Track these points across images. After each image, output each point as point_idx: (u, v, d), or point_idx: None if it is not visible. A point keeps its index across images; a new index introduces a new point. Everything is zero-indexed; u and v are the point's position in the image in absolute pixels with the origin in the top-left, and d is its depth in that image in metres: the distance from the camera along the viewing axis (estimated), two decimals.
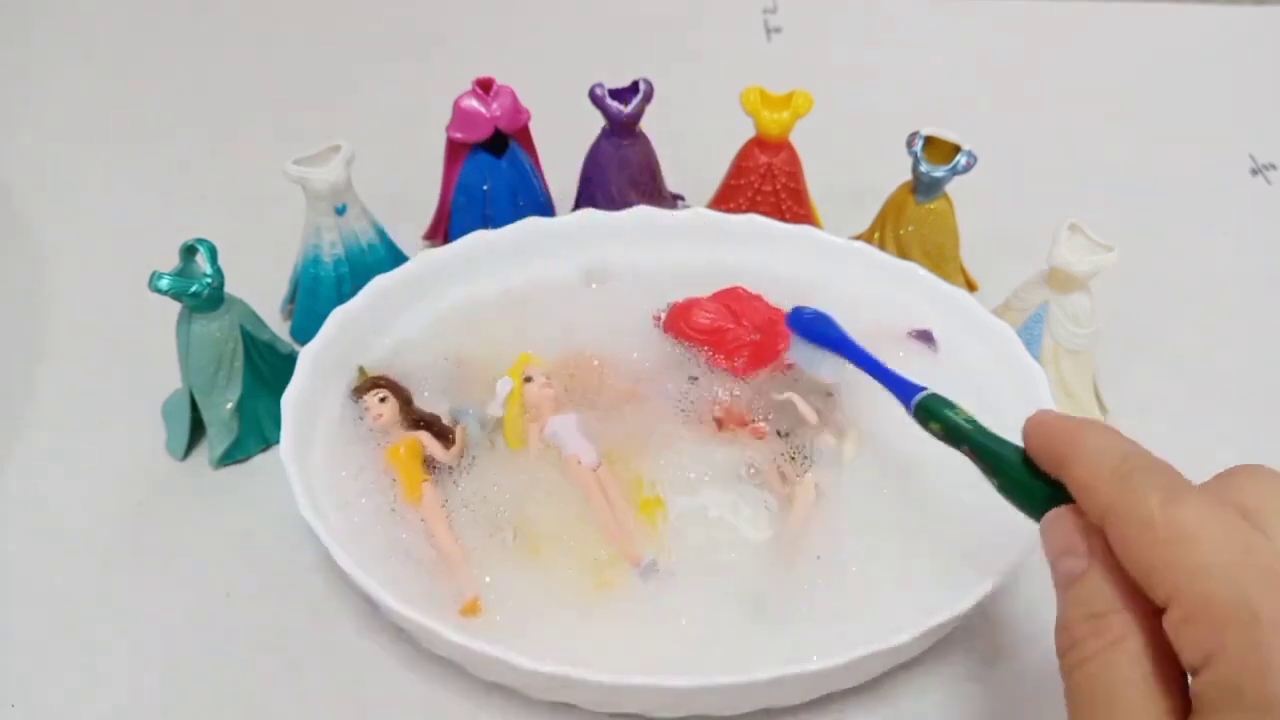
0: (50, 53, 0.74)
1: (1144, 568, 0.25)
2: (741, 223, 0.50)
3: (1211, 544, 0.24)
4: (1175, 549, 0.24)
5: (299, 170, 0.46)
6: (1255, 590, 0.23)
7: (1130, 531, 0.26)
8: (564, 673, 0.33)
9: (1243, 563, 0.24)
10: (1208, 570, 0.24)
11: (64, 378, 0.50)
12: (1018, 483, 0.31)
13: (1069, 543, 0.28)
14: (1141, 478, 0.26)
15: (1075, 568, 0.27)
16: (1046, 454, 0.30)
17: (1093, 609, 0.26)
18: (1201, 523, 0.25)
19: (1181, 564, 0.24)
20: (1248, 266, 0.58)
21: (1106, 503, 0.27)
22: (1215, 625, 0.23)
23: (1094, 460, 0.28)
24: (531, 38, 0.75)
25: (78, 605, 0.41)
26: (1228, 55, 0.76)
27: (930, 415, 0.35)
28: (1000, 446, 0.32)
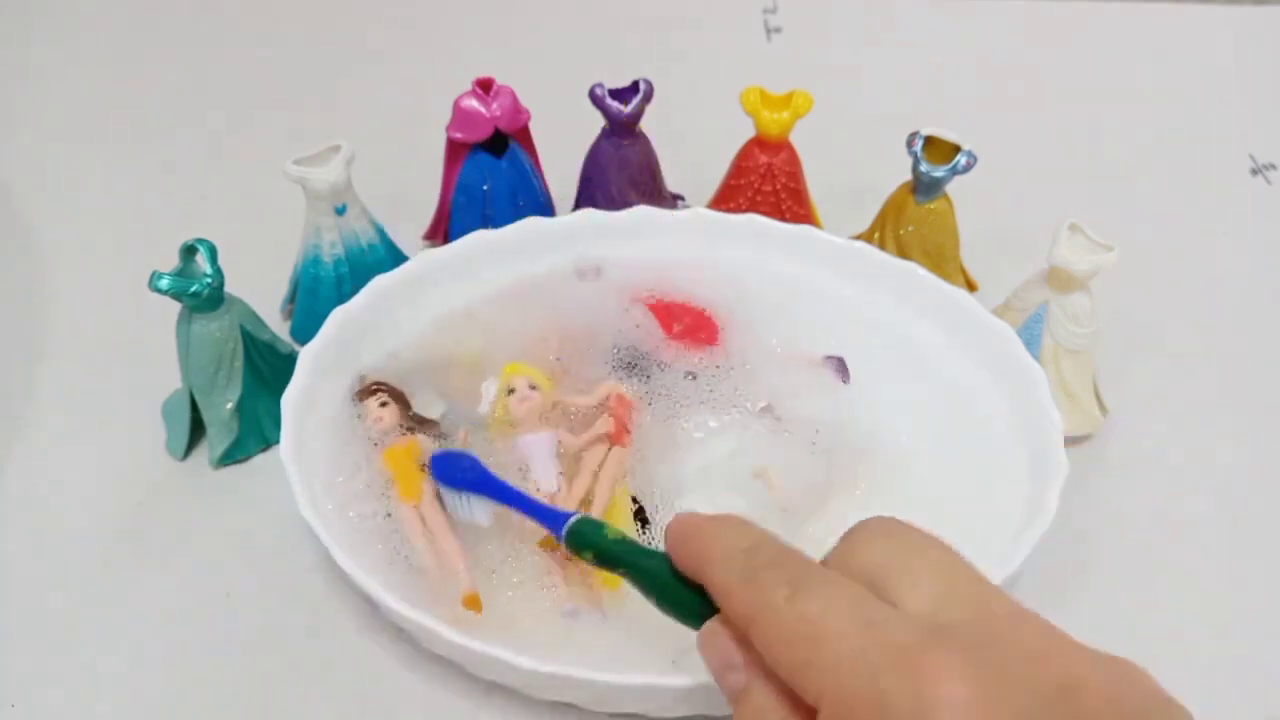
0: (50, 53, 0.73)
1: (788, 670, 0.25)
2: (741, 223, 0.50)
3: (837, 634, 0.24)
4: (808, 648, 0.24)
5: (299, 170, 0.46)
6: (884, 678, 0.23)
7: (766, 635, 0.25)
8: (564, 673, 0.33)
9: (869, 648, 0.23)
10: (838, 664, 0.24)
11: (64, 378, 0.50)
12: (672, 596, 0.30)
13: (726, 657, 0.27)
14: (768, 574, 0.26)
15: (737, 682, 0.26)
16: (686, 560, 0.29)
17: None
18: (826, 613, 0.24)
19: (816, 661, 0.24)
20: (1248, 266, 0.58)
21: (740, 607, 0.26)
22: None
23: (724, 561, 0.27)
24: (531, 38, 0.75)
25: (78, 605, 0.41)
26: (1228, 55, 0.76)
27: (582, 543, 0.33)
28: (650, 560, 0.31)
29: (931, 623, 0.24)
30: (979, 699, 0.22)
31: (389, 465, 0.41)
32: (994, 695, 0.22)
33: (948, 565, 0.26)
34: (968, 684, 0.22)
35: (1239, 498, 0.46)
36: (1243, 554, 0.44)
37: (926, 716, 0.22)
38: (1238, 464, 0.47)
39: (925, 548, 0.27)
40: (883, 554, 0.26)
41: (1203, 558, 0.44)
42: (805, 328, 0.47)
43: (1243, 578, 0.43)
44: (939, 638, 0.23)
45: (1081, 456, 0.46)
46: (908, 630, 0.24)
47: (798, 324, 0.47)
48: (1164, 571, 0.43)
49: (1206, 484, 0.47)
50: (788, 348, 0.46)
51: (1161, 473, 0.47)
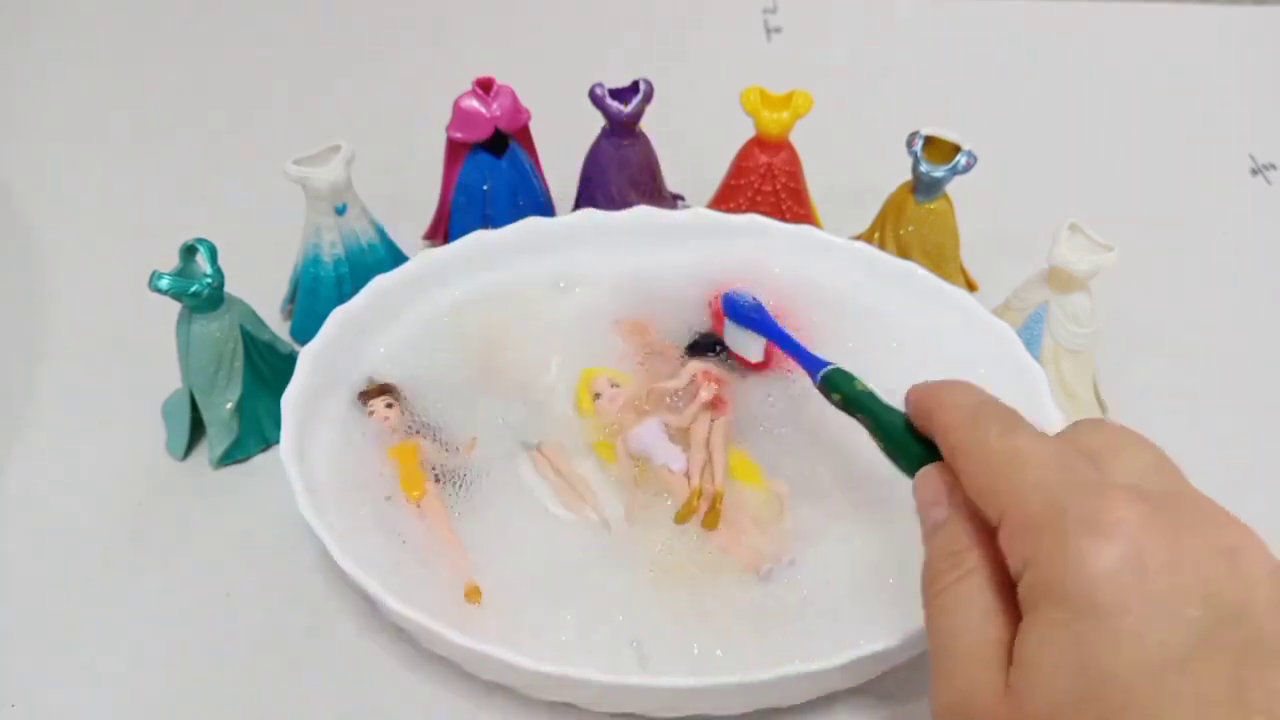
0: (50, 53, 0.73)
1: (981, 492, 0.27)
2: (741, 223, 0.50)
3: (1036, 465, 0.26)
4: (1007, 472, 0.27)
5: (299, 170, 0.46)
6: (1068, 497, 0.25)
7: (972, 461, 0.28)
8: (564, 673, 0.33)
9: (1062, 479, 0.26)
10: (1033, 487, 0.26)
11: (64, 378, 0.50)
12: (899, 443, 0.33)
13: (934, 494, 0.30)
14: (987, 417, 0.29)
15: (939, 516, 0.29)
16: (920, 411, 0.32)
17: (951, 548, 0.28)
18: (1030, 448, 0.27)
19: (1010, 484, 0.26)
20: (1248, 266, 0.58)
21: (955, 439, 0.29)
22: (1032, 533, 0.25)
23: (952, 408, 0.30)
24: (531, 38, 0.75)
25: (78, 605, 0.41)
26: (1228, 55, 0.76)
27: (833, 387, 0.37)
28: (888, 413, 0.34)
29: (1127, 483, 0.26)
30: (1149, 527, 0.24)
31: (394, 460, 0.41)
32: (1163, 530, 0.24)
33: (1156, 455, 0.28)
34: (1142, 514, 0.24)
35: (1239, 498, 0.46)
36: None
37: (1097, 527, 0.24)
38: (1238, 464, 0.47)
39: (1139, 441, 0.28)
40: (1099, 440, 0.28)
41: None
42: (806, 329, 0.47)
43: None
44: (1129, 488, 0.25)
45: None
46: (1098, 474, 0.26)
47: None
48: None
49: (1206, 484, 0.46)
50: None
51: None
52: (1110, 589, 0.23)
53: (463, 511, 0.41)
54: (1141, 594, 0.23)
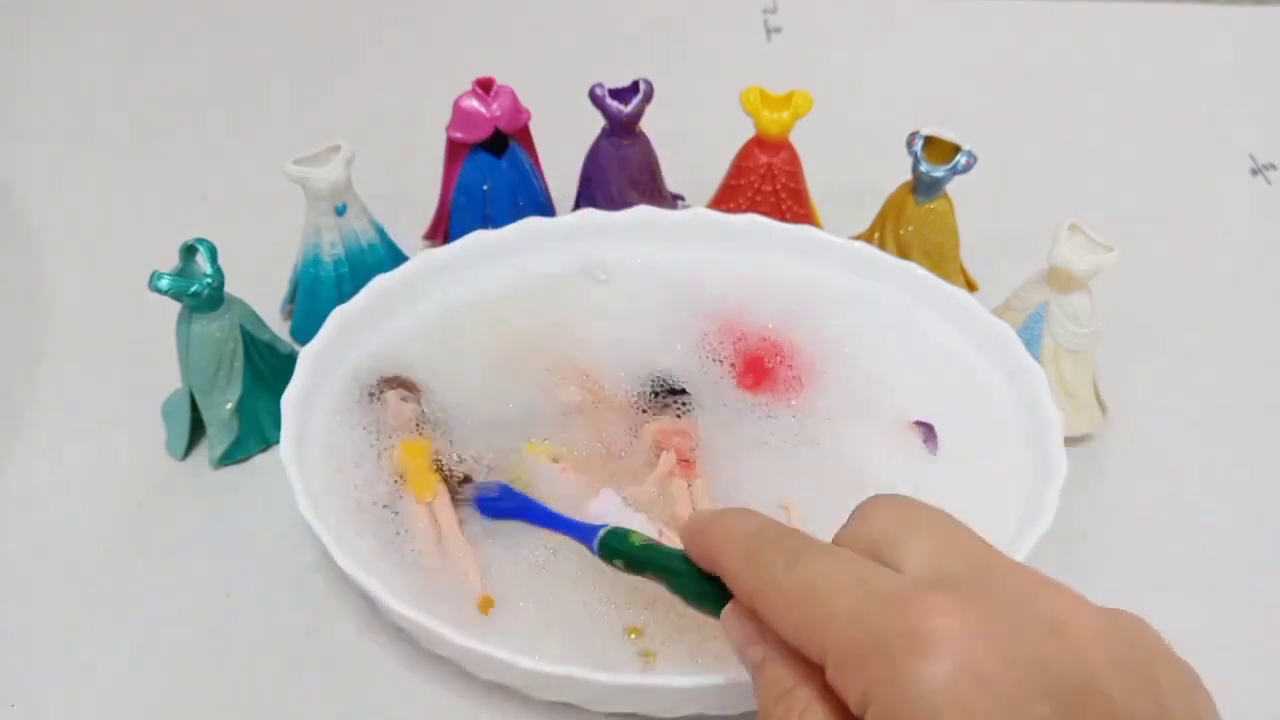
0: (50, 53, 0.73)
1: (793, 636, 0.26)
2: (741, 223, 0.50)
3: (832, 591, 0.25)
4: (807, 607, 0.26)
5: (299, 170, 0.46)
6: (879, 620, 0.24)
7: (769, 605, 0.27)
8: (564, 672, 0.33)
9: (862, 598, 0.25)
10: (836, 617, 0.25)
11: (64, 378, 0.50)
12: (694, 590, 0.31)
13: (744, 635, 0.28)
14: (768, 551, 0.28)
15: (756, 656, 0.28)
16: (700, 552, 0.30)
17: (781, 688, 0.27)
18: (821, 574, 0.26)
19: (815, 618, 0.25)
20: (1248, 266, 0.58)
21: (745, 586, 0.28)
22: (858, 668, 0.24)
23: (729, 548, 0.29)
24: (531, 38, 0.75)
25: (78, 605, 0.41)
26: (1228, 55, 0.76)
27: (613, 553, 0.34)
28: (673, 560, 0.32)
29: (927, 577, 0.25)
30: (970, 630, 0.23)
31: (404, 460, 0.41)
32: (984, 627, 0.23)
33: (946, 529, 0.27)
34: (958, 617, 0.23)
35: (1239, 498, 0.46)
36: (1243, 554, 0.44)
37: (921, 648, 0.23)
38: (1238, 464, 0.47)
39: (926, 516, 0.28)
40: (885, 523, 0.27)
41: (1203, 557, 0.44)
42: (806, 329, 0.47)
43: (1243, 577, 0.43)
44: (931, 584, 0.25)
45: (1081, 456, 0.46)
46: (898, 580, 0.25)
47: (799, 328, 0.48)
48: (1164, 571, 0.43)
49: (1206, 484, 0.47)
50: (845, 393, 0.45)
51: (1161, 473, 0.47)
52: (955, 708, 0.22)
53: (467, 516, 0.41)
54: (987, 705, 0.22)
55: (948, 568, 0.25)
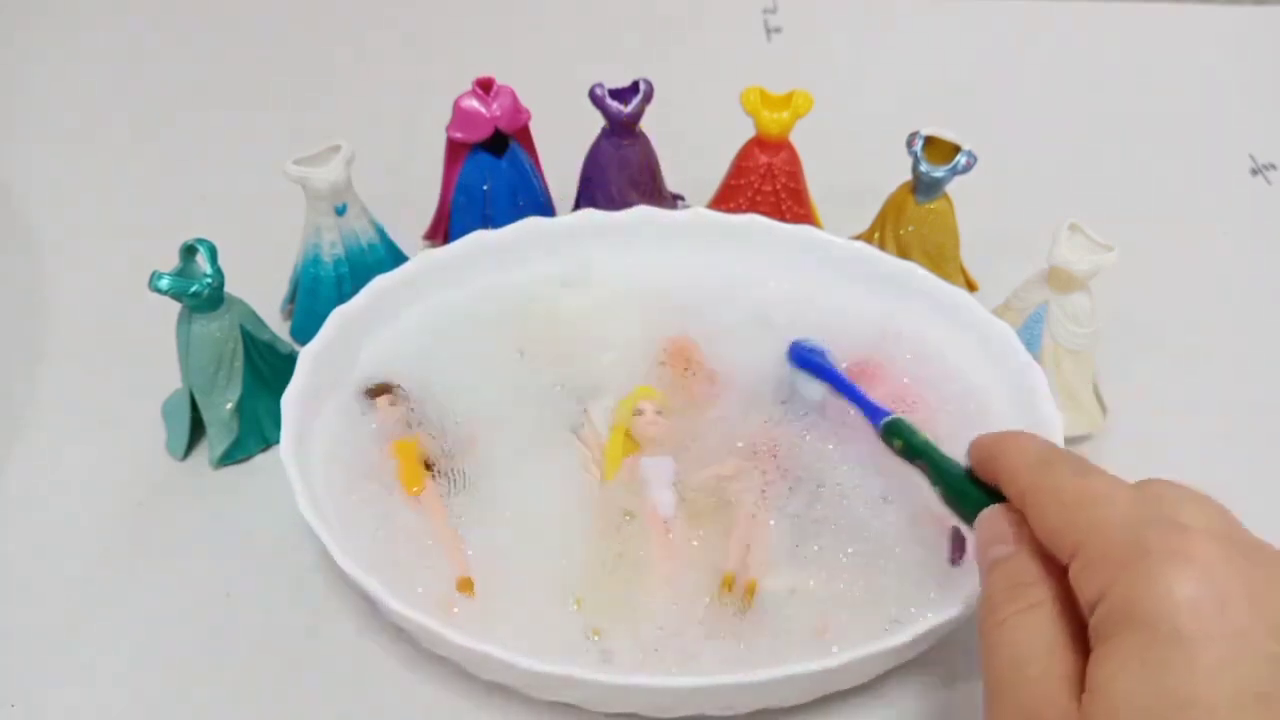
0: (50, 53, 0.73)
1: (1055, 531, 0.28)
2: (741, 223, 0.50)
3: (1111, 504, 0.27)
4: (1082, 510, 0.27)
5: (299, 170, 0.46)
6: (1149, 532, 0.25)
7: (1044, 501, 0.28)
8: (564, 673, 0.33)
9: (1142, 515, 0.26)
10: (1108, 522, 0.26)
11: (64, 378, 0.50)
12: (960, 489, 0.34)
13: (998, 533, 0.30)
14: (1059, 461, 0.30)
15: (1002, 552, 0.29)
16: (985, 457, 0.33)
17: (1016, 580, 0.28)
18: (1107, 489, 0.28)
19: (1085, 521, 0.27)
20: (1248, 266, 0.58)
21: (1026, 482, 0.30)
22: (1110, 564, 0.25)
23: (1019, 453, 0.31)
24: (531, 38, 0.75)
25: (78, 605, 0.41)
26: (1228, 55, 0.76)
27: (894, 434, 0.39)
28: (947, 461, 0.36)
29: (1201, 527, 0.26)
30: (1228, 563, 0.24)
31: (395, 455, 0.42)
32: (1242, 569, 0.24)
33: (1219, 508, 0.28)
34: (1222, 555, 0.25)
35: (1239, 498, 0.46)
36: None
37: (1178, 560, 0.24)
38: (1238, 464, 0.47)
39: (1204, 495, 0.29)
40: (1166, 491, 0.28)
41: None
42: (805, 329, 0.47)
43: None
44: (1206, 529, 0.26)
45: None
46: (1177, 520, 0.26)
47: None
48: None
49: (1206, 484, 0.46)
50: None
51: (1161, 473, 0.46)
52: (1194, 618, 0.23)
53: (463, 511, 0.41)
54: (1224, 627, 0.23)
55: (1219, 526, 0.27)
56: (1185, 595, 0.24)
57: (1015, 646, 0.27)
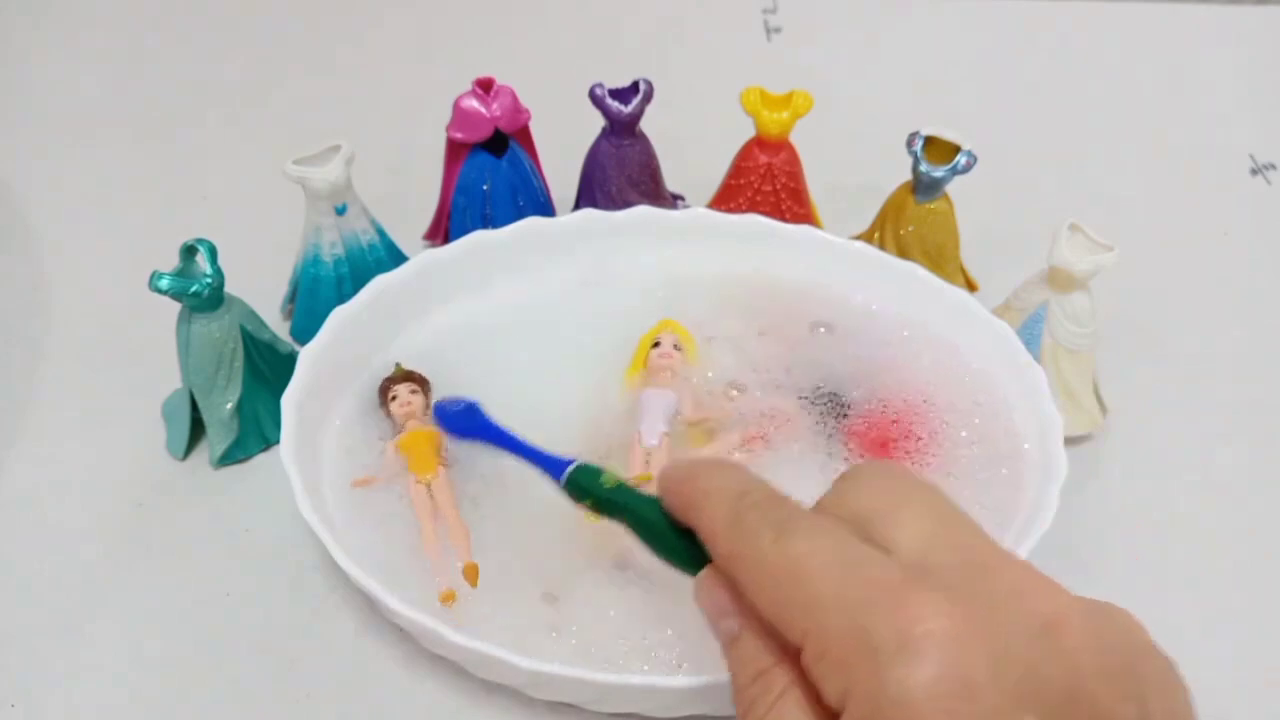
0: (50, 53, 0.73)
1: (771, 611, 0.25)
2: (741, 223, 0.50)
3: (821, 573, 0.24)
4: (792, 587, 0.24)
5: (299, 170, 0.46)
6: (865, 614, 0.23)
7: (750, 575, 0.26)
8: (564, 673, 0.33)
9: (851, 585, 0.23)
10: (821, 602, 0.24)
11: (64, 378, 0.50)
12: (667, 543, 0.30)
13: (720, 604, 0.27)
14: (754, 517, 0.26)
15: (731, 628, 0.27)
16: (678, 503, 0.29)
17: (756, 667, 0.26)
18: (810, 553, 0.24)
19: (799, 601, 0.24)
20: (1248, 266, 0.58)
21: (726, 550, 0.26)
22: (840, 660, 0.23)
23: (713, 506, 0.27)
24: (531, 38, 0.75)
25: (78, 605, 0.41)
26: (1228, 55, 0.76)
27: (582, 491, 0.33)
28: (646, 507, 0.30)
29: (917, 564, 0.24)
30: (960, 634, 0.22)
31: (410, 443, 0.42)
32: (975, 630, 0.22)
33: (938, 510, 0.26)
34: (949, 619, 0.22)
35: (1239, 498, 0.46)
36: (1243, 554, 0.44)
37: (908, 650, 0.22)
38: (1237, 464, 0.47)
39: (917, 491, 0.27)
40: (874, 497, 0.26)
41: (1203, 558, 0.44)
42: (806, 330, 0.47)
43: (1243, 577, 0.43)
44: (922, 577, 0.24)
45: (1081, 456, 0.46)
46: (890, 570, 0.24)
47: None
48: (1164, 571, 0.43)
49: (1206, 484, 0.47)
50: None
51: (1161, 473, 0.47)
52: (942, 713, 0.21)
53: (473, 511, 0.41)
54: (975, 711, 0.21)
55: (940, 557, 0.25)
56: (924, 693, 0.21)
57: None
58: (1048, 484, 0.39)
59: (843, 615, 0.23)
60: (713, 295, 0.49)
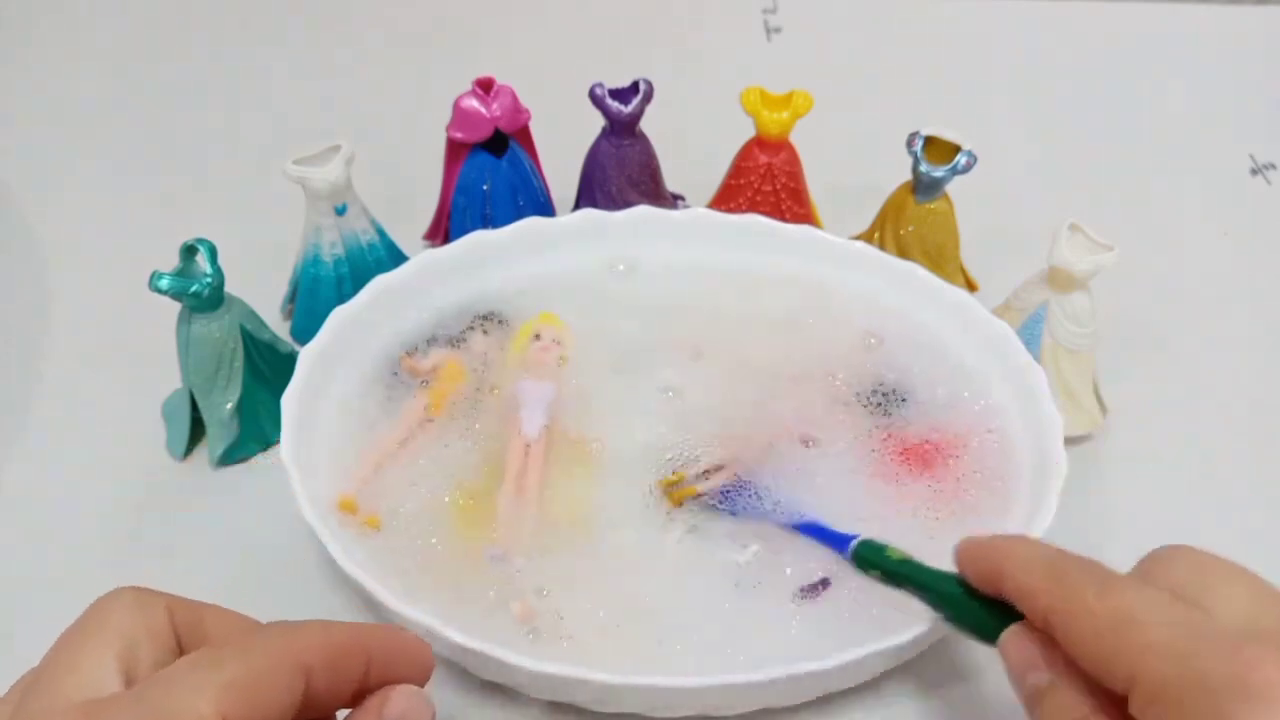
0: (50, 52, 0.73)
1: (1095, 660, 0.26)
2: (742, 223, 0.50)
3: (1152, 623, 0.25)
4: (1120, 635, 0.26)
5: (299, 170, 0.46)
6: (1203, 659, 0.24)
7: (1075, 626, 0.27)
8: (564, 673, 0.33)
9: (1185, 635, 0.25)
10: (1154, 648, 0.25)
11: (64, 378, 0.50)
12: (964, 610, 0.31)
13: (1029, 658, 0.28)
14: (1075, 574, 0.28)
15: (1040, 681, 0.28)
16: (980, 574, 0.31)
17: (1073, 715, 0.27)
18: (1138, 605, 0.26)
19: (1129, 648, 0.25)
20: (1248, 266, 0.58)
21: (1046, 604, 0.28)
22: (1175, 701, 0.24)
23: (1026, 567, 0.29)
24: (531, 38, 0.75)
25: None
26: (1228, 55, 0.76)
27: (868, 563, 0.35)
28: (938, 581, 0.33)
29: (1244, 628, 0.25)
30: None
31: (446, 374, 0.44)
32: None
33: (1255, 582, 0.27)
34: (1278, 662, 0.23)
35: (1239, 498, 0.46)
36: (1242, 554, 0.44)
37: (1252, 696, 0.23)
38: (1238, 464, 0.47)
39: (1232, 569, 0.28)
40: (1187, 573, 0.28)
41: None
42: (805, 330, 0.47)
43: None
44: (1255, 635, 0.25)
45: (1081, 456, 0.46)
46: (1222, 627, 0.25)
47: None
48: None
49: (1206, 484, 0.47)
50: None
51: (1161, 473, 0.47)
52: None
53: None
54: None
55: (1264, 620, 0.26)
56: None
57: None
58: (1047, 484, 0.39)
59: (1178, 661, 0.24)
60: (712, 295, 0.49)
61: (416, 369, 0.45)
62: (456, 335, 0.46)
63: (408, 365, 0.45)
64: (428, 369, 0.45)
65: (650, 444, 0.43)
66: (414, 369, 0.44)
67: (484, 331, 0.46)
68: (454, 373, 0.45)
